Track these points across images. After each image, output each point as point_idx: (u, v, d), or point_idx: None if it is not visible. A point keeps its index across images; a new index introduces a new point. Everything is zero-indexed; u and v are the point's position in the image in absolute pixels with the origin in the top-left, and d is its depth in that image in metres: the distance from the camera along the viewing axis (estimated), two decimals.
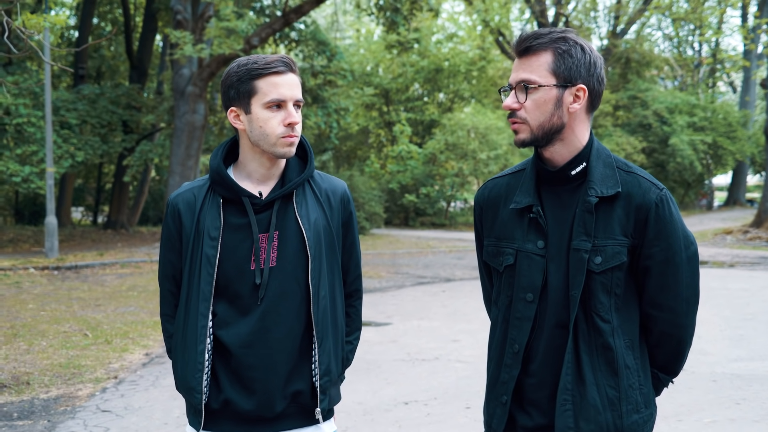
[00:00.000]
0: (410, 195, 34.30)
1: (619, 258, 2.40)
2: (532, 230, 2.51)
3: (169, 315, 2.84)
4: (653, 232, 2.41)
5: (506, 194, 2.63)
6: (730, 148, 40.29)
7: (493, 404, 2.60)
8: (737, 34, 48.01)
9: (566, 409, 2.42)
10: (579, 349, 2.43)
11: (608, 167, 2.47)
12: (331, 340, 2.72)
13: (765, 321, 10.78)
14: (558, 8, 36.24)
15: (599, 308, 2.42)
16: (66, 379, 7.68)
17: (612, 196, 2.42)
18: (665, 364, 2.58)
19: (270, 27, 21.38)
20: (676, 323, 2.50)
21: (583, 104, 2.46)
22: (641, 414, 2.46)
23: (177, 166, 21.64)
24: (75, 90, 25.96)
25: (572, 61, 2.41)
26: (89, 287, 14.48)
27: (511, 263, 2.55)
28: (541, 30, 2.45)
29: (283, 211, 2.68)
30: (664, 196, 2.44)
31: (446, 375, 7.94)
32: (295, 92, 2.62)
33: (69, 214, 31.89)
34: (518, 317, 2.52)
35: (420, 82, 40.79)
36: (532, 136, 2.44)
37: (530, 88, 2.41)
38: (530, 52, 2.43)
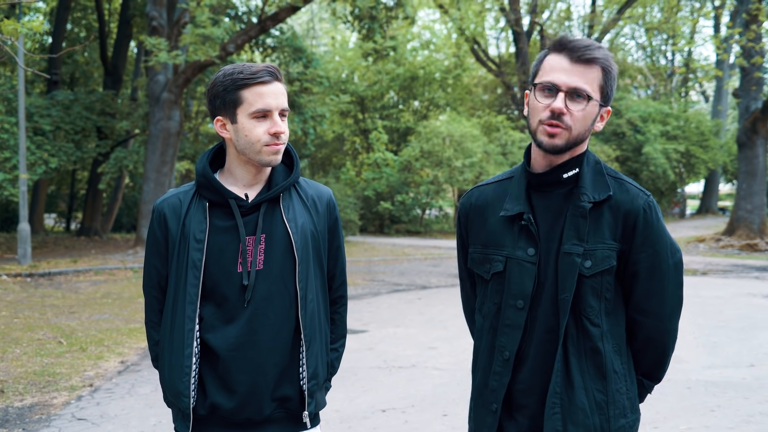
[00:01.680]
0: (385, 202, 34.31)
1: (609, 262, 2.43)
2: (522, 237, 2.52)
3: (155, 322, 2.82)
4: (641, 238, 2.45)
5: (493, 202, 2.64)
6: (703, 156, 40.63)
7: (482, 412, 2.59)
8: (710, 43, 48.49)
9: (555, 412, 2.42)
10: (568, 353, 2.44)
11: (598, 173, 2.51)
12: (319, 344, 2.73)
13: (738, 328, 10.87)
14: (533, 17, 36.42)
15: (589, 312, 2.44)
16: (41, 387, 7.62)
17: (601, 201, 2.45)
18: (649, 370, 2.61)
19: (246, 34, 21.35)
20: (660, 329, 2.54)
21: (603, 125, 2.55)
22: (628, 419, 2.48)
23: (152, 173, 21.55)
24: (49, 96, 25.79)
25: (612, 84, 2.48)
26: (63, 294, 14.37)
27: (500, 270, 2.55)
28: (593, 42, 2.44)
29: (270, 214, 2.69)
30: (651, 202, 2.48)
31: (423, 382, 7.94)
32: (280, 101, 2.63)
33: (42, 220, 31.66)
34: (508, 324, 2.52)
35: (395, 89, 40.85)
36: (566, 144, 2.44)
37: (582, 98, 2.41)
38: (590, 62, 2.43)
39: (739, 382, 7.85)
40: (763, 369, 8.47)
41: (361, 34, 26.37)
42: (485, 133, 37.45)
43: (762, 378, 8.03)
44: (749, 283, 16.89)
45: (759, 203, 27.09)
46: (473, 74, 45.90)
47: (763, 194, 27.18)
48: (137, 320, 11.46)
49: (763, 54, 26.57)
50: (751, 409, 6.87)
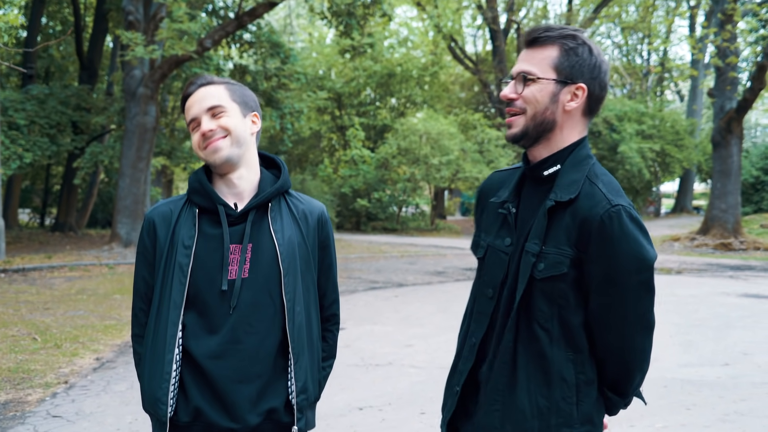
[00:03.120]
0: (362, 199, 34.32)
1: (559, 268, 2.32)
2: (503, 227, 2.51)
3: (140, 336, 2.80)
4: (595, 249, 2.30)
5: (498, 188, 2.62)
6: (678, 156, 40.89)
7: (447, 392, 2.62)
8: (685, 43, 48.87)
9: (495, 409, 2.41)
10: (517, 353, 2.39)
11: (579, 173, 2.40)
12: (308, 359, 2.70)
13: (713, 327, 10.95)
14: (509, 15, 36.54)
15: (539, 316, 2.36)
16: (15, 383, 7.56)
17: (566, 203, 2.35)
18: (613, 384, 2.47)
19: (223, 29, 21.26)
20: (620, 347, 2.39)
21: (580, 104, 2.41)
22: (574, 430, 2.37)
23: (128, 168, 21.41)
24: (23, 90, 25.58)
25: (577, 60, 2.38)
26: (37, 290, 14.26)
27: (481, 256, 2.57)
28: (551, 24, 2.42)
29: (258, 223, 2.69)
30: (615, 212, 2.29)
31: (400, 380, 7.94)
32: (203, 104, 2.67)
33: (16, 216, 31.39)
34: (479, 311, 2.52)
35: (372, 86, 40.88)
36: (523, 130, 2.40)
37: (528, 79, 2.39)
38: (537, 44, 2.41)
39: (715, 381, 7.90)
40: (737, 368, 8.53)
41: (339, 30, 26.28)
42: (462, 130, 37.52)
43: (737, 377, 8.09)
44: (724, 282, 17.03)
45: (733, 203, 27.30)
46: (450, 72, 46.03)
47: (737, 194, 27.39)
48: (112, 317, 11.39)
49: (737, 54, 26.76)
50: (727, 407, 6.92)
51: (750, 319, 11.70)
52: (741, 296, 14.42)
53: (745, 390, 7.54)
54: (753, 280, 17.45)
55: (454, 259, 22.51)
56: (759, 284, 16.63)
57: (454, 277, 17.84)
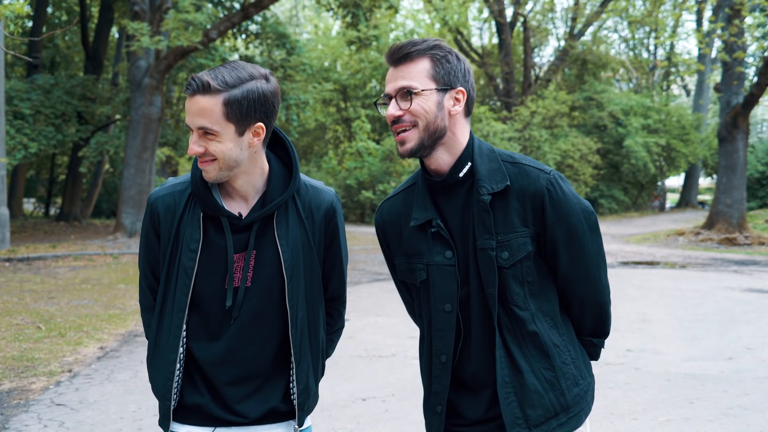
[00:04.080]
0: (367, 191, 34.30)
1: (525, 249, 2.46)
2: (437, 243, 2.53)
3: (148, 306, 2.76)
4: (552, 217, 2.47)
5: (405, 212, 2.65)
6: (683, 150, 40.83)
7: (429, 414, 2.64)
8: (692, 37, 48.74)
9: (510, 401, 2.45)
10: (507, 342, 2.47)
11: (493, 162, 2.51)
12: (310, 359, 2.67)
13: (717, 321, 10.93)
14: (516, 8, 36.47)
15: (516, 299, 2.47)
16: (19, 372, 7.57)
17: (503, 191, 2.46)
18: (593, 329, 2.66)
19: (229, 20, 21.24)
20: (592, 290, 2.58)
21: (462, 107, 2.51)
22: (580, 386, 2.54)
23: (133, 159, 21.43)
24: (29, 80, 25.59)
25: (450, 67, 2.49)
26: (42, 279, 14.28)
27: (424, 278, 2.57)
28: (414, 39, 2.50)
29: (263, 230, 2.60)
30: (552, 178, 2.48)
31: (403, 371, 7.94)
32: (195, 120, 2.44)
33: (21, 205, 31.48)
34: (440, 329, 2.54)
35: (378, 78, 40.82)
36: (419, 142, 2.46)
37: (413, 93, 2.44)
38: (407, 59, 2.48)
39: (718, 375, 7.89)
40: (741, 362, 8.52)
41: (345, 22, 26.26)
42: None
43: (740, 371, 8.08)
44: (728, 276, 16.99)
45: (738, 198, 27.24)
46: None
47: (742, 189, 27.33)
48: (116, 306, 11.41)
49: (745, 49, 26.69)
50: (730, 401, 6.91)
51: (754, 314, 11.67)
52: (745, 291, 14.39)
53: (748, 384, 7.53)
54: (757, 275, 17.41)
55: None
56: (763, 279, 16.59)
57: None
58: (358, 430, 6.07)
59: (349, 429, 6.08)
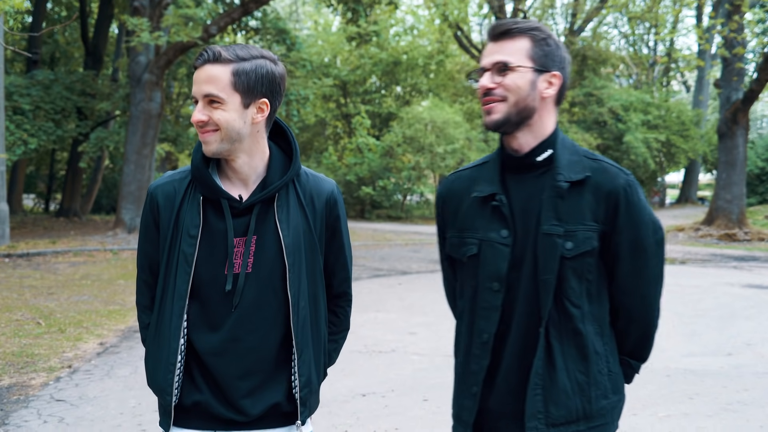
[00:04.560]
0: (367, 187, 34.32)
1: (590, 243, 2.42)
2: (495, 219, 2.51)
3: (145, 306, 2.73)
4: (623, 218, 2.43)
5: (469, 186, 2.63)
6: (683, 146, 40.84)
7: (462, 396, 2.58)
8: (692, 33, 48.68)
9: (537, 393, 2.42)
10: (549, 335, 2.43)
11: (574, 154, 2.50)
12: (312, 350, 2.63)
13: (716, 317, 10.94)
14: (516, 4, 36.41)
15: (570, 294, 2.43)
16: (19, 367, 7.57)
17: (580, 182, 2.44)
18: (633, 349, 2.61)
19: (229, 16, 21.21)
20: (644, 307, 2.54)
21: (555, 92, 2.51)
22: (609, 399, 2.48)
23: (132, 155, 21.42)
24: (29, 75, 25.57)
25: (549, 50, 2.48)
26: (41, 275, 14.28)
27: (474, 253, 2.54)
28: (517, 19, 2.49)
29: (263, 215, 2.57)
30: (632, 181, 2.46)
31: (403, 367, 7.94)
32: (202, 87, 2.46)
33: (20, 201, 31.47)
34: (485, 307, 2.50)
35: (378, 74, 40.80)
36: (506, 116, 2.45)
37: (507, 68, 2.45)
38: (507, 36, 2.48)
39: (718, 371, 7.90)
40: (741, 358, 8.53)
41: (345, 18, 26.23)
42: (467, 119, 37.54)
43: (740, 367, 8.09)
44: (728, 272, 17.01)
45: (738, 193, 27.25)
46: (456, 60, 45.86)
47: (742, 185, 27.34)
48: (116, 302, 11.41)
49: (744, 45, 26.67)
50: (730, 397, 6.91)
51: (754, 310, 11.69)
52: (745, 287, 14.41)
53: (748, 380, 7.53)
54: (757, 271, 17.43)
55: None
56: (763, 275, 16.61)
57: None
58: (358, 425, 6.07)
59: (348, 424, 6.08)
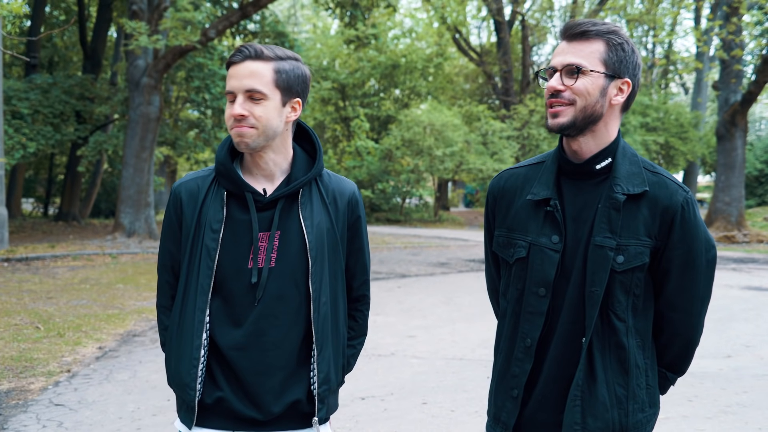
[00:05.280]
0: (366, 190, 34.31)
1: (642, 259, 2.39)
2: (547, 224, 2.49)
3: (165, 307, 2.75)
4: (678, 235, 2.41)
5: (522, 185, 2.61)
6: (682, 148, 40.84)
7: (502, 397, 2.57)
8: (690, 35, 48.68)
9: (576, 405, 2.41)
10: (592, 347, 2.42)
11: (634, 165, 2.46)
12: (332, 348, 2.65)
13: (715, 319, 10.94)
14: (514, 7, 36.46)
15: (616, 307, 2.41)
16: (17, 372, 7.57)
17: (637, 195, 2.40)
18: (673, 363, 2.60)
19: (227, 19, 21.21)
20: (688, 323, 2.51)
21: (624, 99, 2.45)
22: (646, 413, 2.47)
23: (131, 158, 21.41)
24: (27, 79, 25.55)
25: (623, 55, 2.42)
26: (40, 279, 14.27)
27: (523, 256, 2.52)
28: (595, 20, 2.43)
29: (287, 210, 2.60)
30: (690, 198, 2.44)
31: (402, 370, 7.94)
32: (244, 82, 2.50)
33: (19, 205, 31.42)
34: (530, 311, 2.49)
35: (376, 77, 40.79)
36: (572, 120, 2.41)
37: (580, 72, 2.40)
38: (583, 37, 2.42)
39: (717, 373, 7.90)
40: (740, 360, 8.53)
41: (343, 21, 26.25)
42: (466, 122, 37.53)
43: (739, 369, 8.09)
44: (727, 274, 17.00)
45: (737, 195, 27.27)
46: (455, 63, 45.93)
47: (741, 186, 27.37)
48: (115, 306, 11.40)
49: (743, 47, 26.69)
50: (729, 399, 6.91)
51: (753, 312, 11.69)
52: (744, 289, 14.41)
53: (747, 382, 7.54)
54: (756, 273, 17.44)
55: (457, 251, 22.52)
56: (762, 277, 16.61)
57: (457, 269, 17.84)
58: (357, 429, 6.07)
59: (347, 428, 6.08)
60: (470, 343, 9.26)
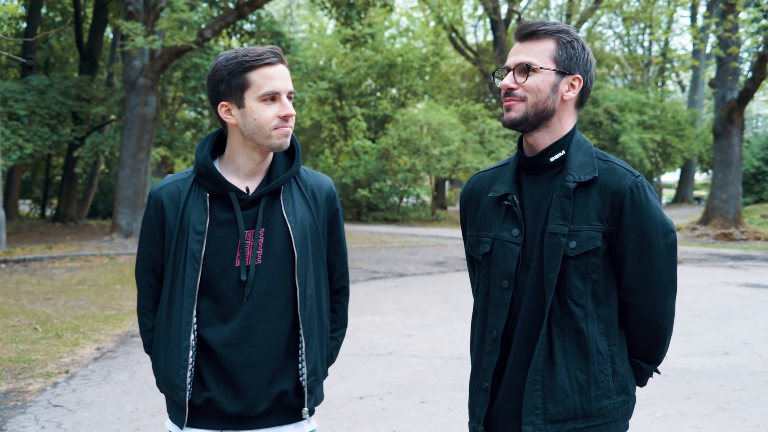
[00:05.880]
0: (363, 190, 34.30)
1: (593, 243, 2.44)
2: (508, 219, 2.57)
3: (148, 308, 2.78)
4: (629, 219, 2.45)
5: (489, 186, 2.70)
6: (679, 146, 40.88)
7: (475, 391, 2.64)
8: (687, 33, 48.76)
9: (536, 389, 2.46)
10: (552, 333, 2.46)
11: (587, 156, 2.54)
12: (317, 340, 2.70)
13: (713, 317, 10.95)
14: (510, 5, 36.44)
15: (573, 293, 2.46)
16: (16, 373, 7.57)
17: (588, 182, 2.48)
18: (645, 352, 2.61)
19: (223, 19, 21.20)
20: (653, 310, 2.53)
21: (575, 94, 2.55)
22: (612, 400, 2.49)
23: (128, 159, 21.39)
24: (23, 81, 25.52)
25: (573, 53, 2.53)
26: (38, 281, 14.27)
27: (487, 251, 2.61)
28: (545, 20, 2.54)
29: (270, 207, 2.65)
30: (640, 182, 2.48)
31: (400, 370, 7.95)
32: (287, 84, 2.60)
33: (16, 206, 31.38)
34: (495, 304, 2.56)
35: (373, 77, 40.78)
36: (524, 116, 2.51)
37: (530, 70, 2.49)
38: (534, 37, 2.53)
39: (715, 370, 7.91)
40: (737, 357, 8.54)
41: (339, 21, 26.23)
42: (463, 121, 37.53)
43: (737, 366, 8.10)
44: (724, 272, 17.03)
45: (734, 193, 27.29)
46: (451, 62, 45.92)
47: (738, 184, 27.38)
48: (113, 307, 11.40)
49: (739, 44, 26.71)
50: (727, 396, 6.92)
51: (750, 309, 11.70)
52: (741, 286, 14.43)
53: (745, 379, 7.55)
54: (753, 270, 17.46)
55: (454, 249, 22.53)
56: (759, 274, 16.63)
57: (454, 267, 17.85)
58: (356, 428, 6.07)
59: (346, 427, 6.08)
60: (468, 342, 9.25)
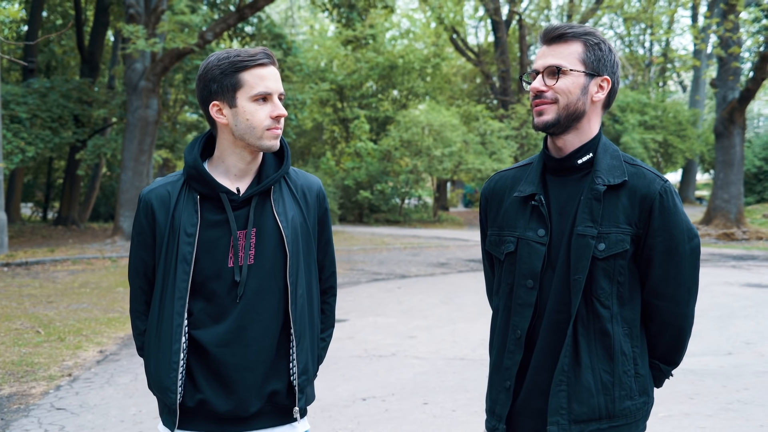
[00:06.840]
0: (365, 191, 34.27)
1: (622, 245, 2.47)
2: (534, 218, 2.59)
3: (140, 312, 2.79)
4: (658, 222, 2.49)
5: (512, 185, 2.72)
6: (680, 146, 40.82)
7: (496, 390, 2.65)
8: (688, 33, 48.73)
9: (561, 390, 2.48)
10: (578, 333, 2.49)
11: (615, 159, 2.57)
12: (308, 339, 2.71)
13: (715, 317, 10.94)
14: (511, 6, 36.46)
15: (600, 294, 2.48)
16: (19, 376, 7.57)
17: (617, 186, 2.50)
18: (665, 354, 2.64)
19: (224, 22, 21.22)
20: (676, 313, 2.57)
21: (604, 96, 2.58)
22: (634, 401, 2.52)
23: (130, 162, 21.42)
24: (25, 84, 25.54)
25: (601, 54, 2.55)
26: (40, 284, 14.27)
27: (511, 251, 2.62)
28: (571, 23, 2.58)
29: (261, 207, 2.65)
30: (668, 187, 2.52)
31: (403, 371, 7.94)
32: (279, 85, 2.62)
33: (19, 210, 31.42)
34: (520, 303, 2.58)
35: (374, 78, 40.76)
36: (556, 118, 2.53)
37: (560, 72, 2.52)
38: (561, 40, 2.56)
39: (718, 370, 7.90)
40: (740, 357, 8.53)
41: (340, 24, 26.22)
42: (464, 122, 37.50)
43: (740, 366, 8.09)
44: (726, 272, 17.01)
45: (736, 193, 27.27)
46: (452, 63, 45.89)
47: (739, 184, 27.37)
48: (116, 309, 11.40)
49: (740, 44, 26.70)
50: (730, 396, 6.92)
51: (753, 309, 11.69)
52: (744, 286, 14.42)
53: (748, 379, 7.54)
54: (756, 270, 17.44)
55: (456, 251, 22.51)
56: (762, 274, 16.62)
57: (457, 269, 17.84)
58: (359, 430, 6.07)
59: (349, 429, 6.08)
60: (471, 343, 9.27)
